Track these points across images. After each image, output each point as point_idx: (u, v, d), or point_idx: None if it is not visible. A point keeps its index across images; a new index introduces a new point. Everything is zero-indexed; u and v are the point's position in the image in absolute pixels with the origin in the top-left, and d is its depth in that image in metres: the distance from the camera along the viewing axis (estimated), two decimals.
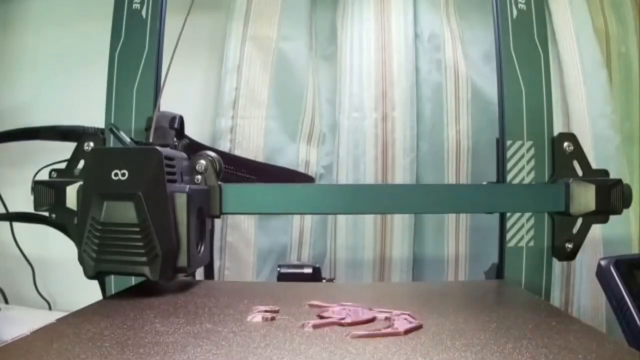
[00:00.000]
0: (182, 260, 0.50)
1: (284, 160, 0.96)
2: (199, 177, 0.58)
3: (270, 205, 0.63)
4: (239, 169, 0.72)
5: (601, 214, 0.61)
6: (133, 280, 0.62)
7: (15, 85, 1.06)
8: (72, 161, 0.63)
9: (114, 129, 0.56)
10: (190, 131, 1.00)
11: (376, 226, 0.93)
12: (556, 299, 0.89)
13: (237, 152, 0.93)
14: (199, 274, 0.83)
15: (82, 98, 0.78)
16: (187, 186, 0.51)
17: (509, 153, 0.63)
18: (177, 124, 0.58)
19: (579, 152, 0.63)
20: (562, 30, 0.91)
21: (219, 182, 0.60)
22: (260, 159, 0.94)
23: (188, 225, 0.50)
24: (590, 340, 0.36)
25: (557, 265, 0.63)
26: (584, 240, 0.62)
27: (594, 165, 0.63)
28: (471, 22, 0.98)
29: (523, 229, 0.62)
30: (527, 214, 0.62)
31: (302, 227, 0.96)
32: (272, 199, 0.62)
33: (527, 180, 0.63)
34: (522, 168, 0.63)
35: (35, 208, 0.62)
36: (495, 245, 0.91)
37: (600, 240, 0.88)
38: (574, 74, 0.90)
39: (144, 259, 0.47)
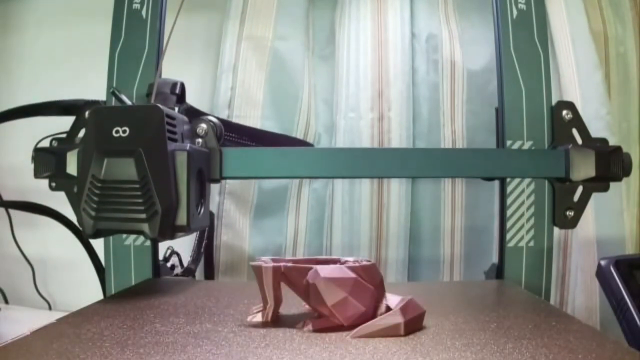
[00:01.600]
0: (182, 219, 0.49)
1: None
2: (200, 140, 0.58)
3: (270, 169, 0.63)
4: (241, 137, 0.71)
5: (601, 180, 0.61)
6: (133, 280, 0.62)
7: (15, 85, 1.06)
8: (74, 129, 0.63)
9: (116, 92, 0.56)
10: None
11: (372, 226, 0.94)
12: (551, 299, 0.89)
13: None
14: (199, 274, 0.83)
15: (82, 98, 0.78)
16: (188, 144, 0.51)
17: None
18: (178, 90, 0.58)
19: (577, 120, 0.63)
20: (558, 31, 0.91)
21: (220, 147, 0.60)
22: None
23: (188, 184, 0.49)
24: (590, 340, 0.36)
25: (553, 265, 0.63)
26: (584, 208, 0.62)
27: None
28: (471, 22, 0.98)
29: (523, 229, 0.62)
30: (528, 214, 0.62)
31: (297, 227, 0.97)
32: (272, 162, 0.62)
33: (527, 181, 0.63)
34: None
35: (35, 175, 0.62)
36: (490, 245, 0.92)
37: (594, 241, 0.88)
38: (569, 75, 0.90)
39: (143, 215, 0.47)
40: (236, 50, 0.95)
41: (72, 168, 0.60)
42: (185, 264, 0.76)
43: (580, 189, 0.62)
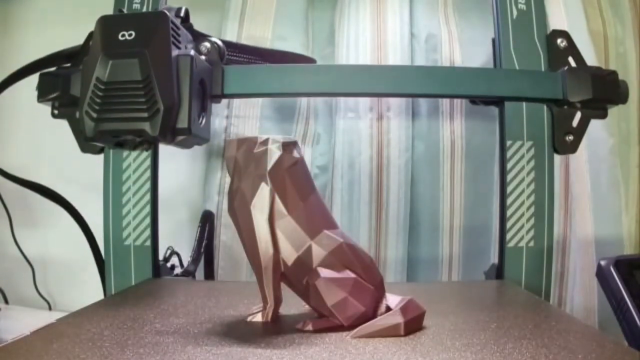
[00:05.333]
0: (183, 121, 0.50)
1: None
2: (203, 57, 0.59)
3: (271, 86, 0.64)
4: (248, 57, 0.71)
5: (599, 103, 0.62)
6: (133, 280, 0.62)
7: (16, 84, 1.06)
8: (79, 56, 0.63)
9: (122, 11, 0.56)
10: None
11: (371, 226, 0.93)
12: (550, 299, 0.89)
13: None
14: (199, 273, 0.83)
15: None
16: (192, 50, 0.52)
17: (509, 153, 0.63)
18: (182, 13, 0.59)
19: (572, 48, 0.64)
20: None
21: (222, 66, 0.61)
22: None
23: (190, 88, 0.50)
24: (590, 340, 0.36)
25: (552, 265, 0.63)
26: (583, 134, 0.63)
27: (586, 167, 0.63)
28: (470, 22, 0.98)
29: (523, 229, 0.62)
30: (528, 214, 0.62)
31: None
32: (273, 79, 0.63)
33: (527, 181, 0.63)
34: (522, 168, 0.63)
35: (39, 98, 0.63)
36: (489, 245, 0.92)
37: (593, 241, 0.88)
38: None
39: (145, 114, 0.48)
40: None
41: (76, 89, 0.60)
42: (185, 264, 0.76)
43: (578, 114, 0.63)
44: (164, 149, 0.66)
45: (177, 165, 0.98)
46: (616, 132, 0.92)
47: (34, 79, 0.84)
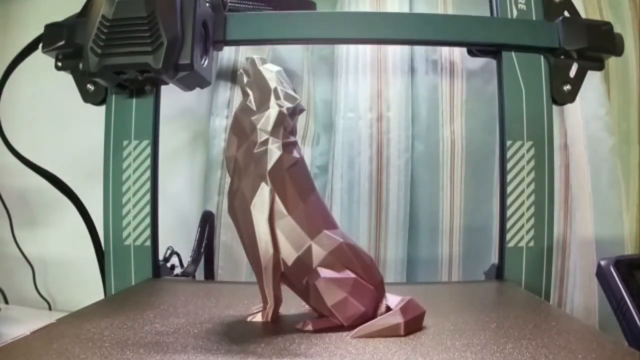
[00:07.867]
0: (185, 56, 0.52)
1: None
2: (207, 4, 0.60)
3: (273, 32, 0.65)
4: (255, 4, 0.73)
5: (595, 53, 0.64)
6: (133, 280, 0.62)
7: (16, 84, 1.06)
8: (85, 9, 0.64)
9: None
10: (185, 129, 1.01)
11: (370, 226, 0.93)
12: (550, 299, 0.89)
13: None
14: (199, 274, 0.83)
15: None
16: None
17: (509, 153, 0.63)
18: None
19: (568, 3, 0.65)
20: None
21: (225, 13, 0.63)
22: None
23: (193, 26, 0.52)
24: (590, 340, 0.36)
25: (552, 265, 0.63)
26: (581, 84, 0.65)
27: (587, 167, 0.64)
28: None
29: (523, 229, 0.62)
30: (528, 214, 0.62)
31: None
32: (275, 26, 0.65)
33: (527, 181, 0.63)
34: (522, 168, 0.63)
35: (44, 48, 0.64)
36: (489, 245, 0.92)
37: (594, 241, 0.88)
38: None
39: (148, 48, 0.49)
40: (235, 49, 0.95)
41: (81, 38, 0.61)
42: (185, 264, 0.76)
43: (575, 65, 0.64)
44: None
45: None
46: (616, 132, 0.92)
47: (33, 77, 0.85)
